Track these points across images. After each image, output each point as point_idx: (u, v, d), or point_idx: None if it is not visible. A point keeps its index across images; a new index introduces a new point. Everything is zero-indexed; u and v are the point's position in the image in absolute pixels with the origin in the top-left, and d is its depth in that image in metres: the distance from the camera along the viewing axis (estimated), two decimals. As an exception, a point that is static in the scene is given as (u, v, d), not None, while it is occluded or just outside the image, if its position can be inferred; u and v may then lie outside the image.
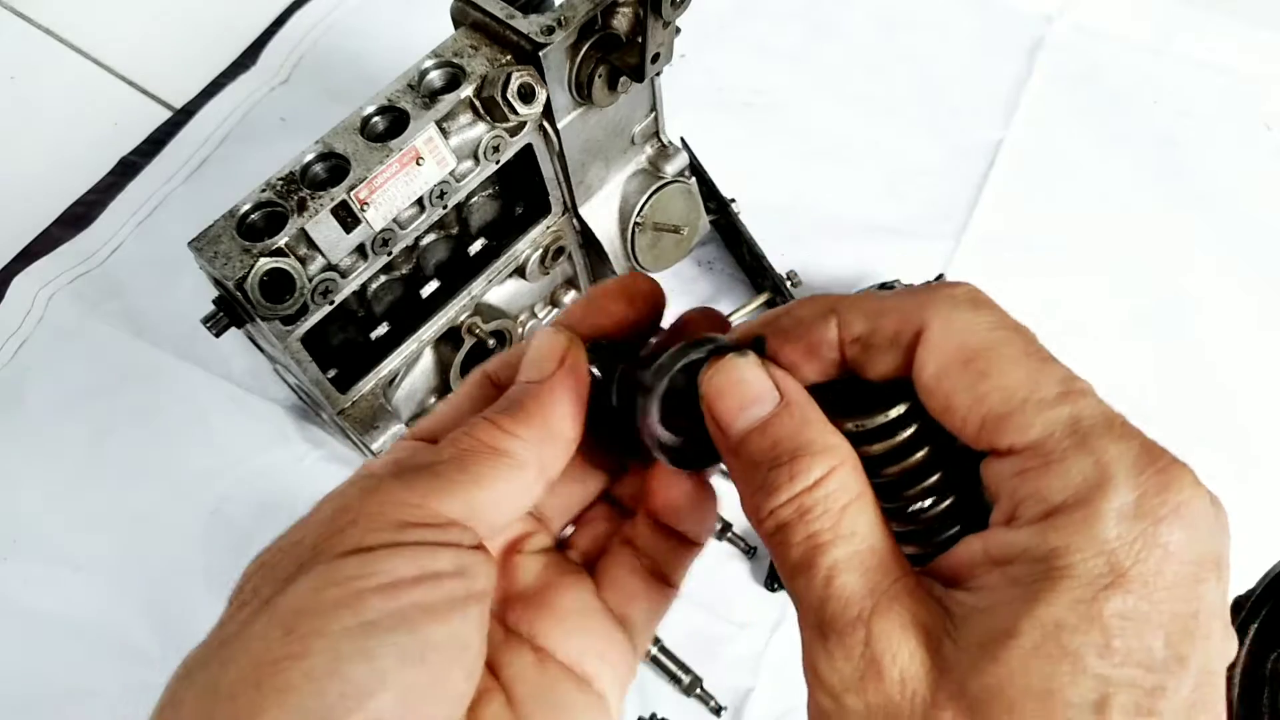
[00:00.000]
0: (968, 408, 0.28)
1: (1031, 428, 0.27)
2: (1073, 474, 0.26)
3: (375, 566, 0.28)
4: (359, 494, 0.30)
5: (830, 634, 0.27)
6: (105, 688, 0.78)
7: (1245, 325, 0.93)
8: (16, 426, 0.91)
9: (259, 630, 0.27)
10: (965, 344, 0.28)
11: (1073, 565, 0.25)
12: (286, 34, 1.18)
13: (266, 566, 0.30)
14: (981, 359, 0.28)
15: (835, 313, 0.31)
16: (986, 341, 0.28)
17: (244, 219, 0.63)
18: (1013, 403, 0.27)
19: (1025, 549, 0.26)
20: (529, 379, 0.35)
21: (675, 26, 0.67)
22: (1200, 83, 1.10)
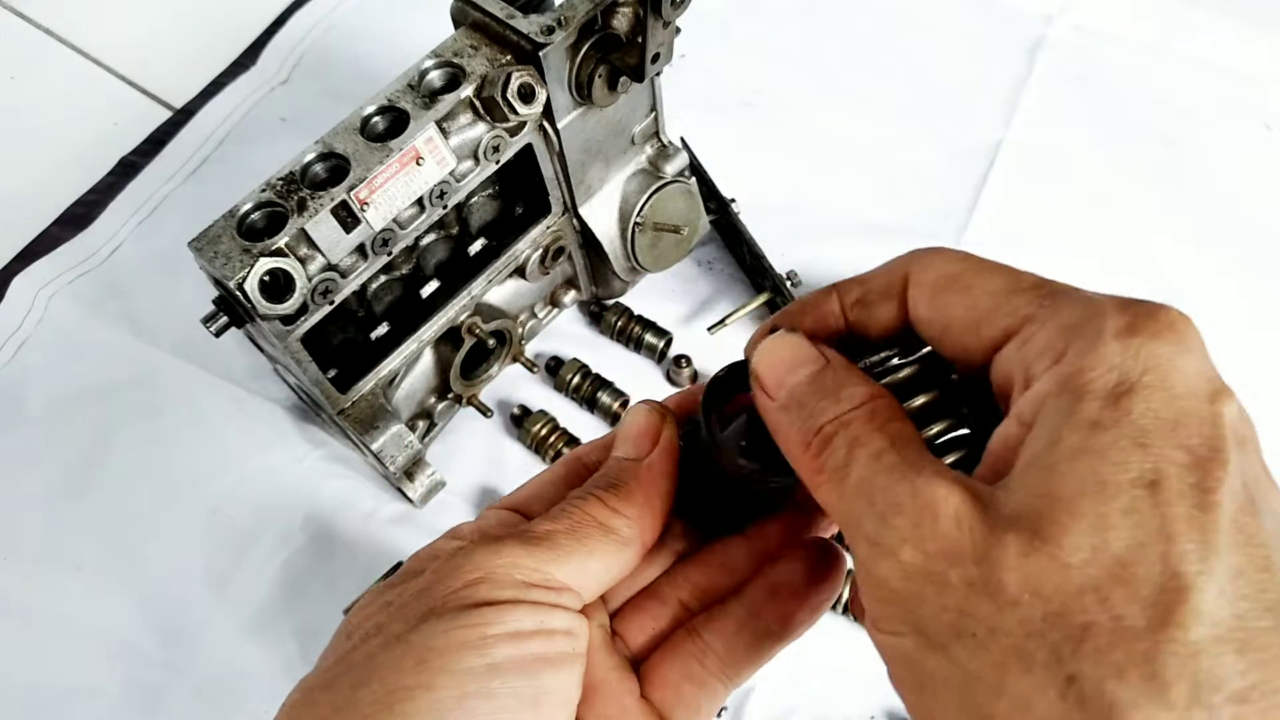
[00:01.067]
0: (961, 317, 0.30)
1: (1022, 307, 0.29)
2: (1067, 317, 0.28)
3: (501, 617, 0.31)
4: (484, 554, 0.33)
5: (879, 498, 0.28)
6: (105, 687, 0.78)
7: (1245, 325, 0.93)
8: (17, 426, 0.91)
9: (393, 660, 0.30)
10: (945, 271, 0.31)
11: (1093, 379, 0.26)
12: (287, 34, 1.18)
13: (393, 607, 0.33)
14: (962, 277, 0.31)
15: (835, 288, 0.35)
16: (963, 266, 0.31)
17: (244, 219, 0.63)
18: (999, 296, 0.30)
19: (1047, 391, 0.27)
20: (626, 455, 0.38)
21: (675, 27, 0.67)
22: (1200, 83, 1.09)
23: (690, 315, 0.94)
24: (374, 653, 0.31)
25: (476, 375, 0.86)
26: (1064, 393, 0.26)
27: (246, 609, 0.81)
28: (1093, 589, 0.23)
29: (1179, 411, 0.25)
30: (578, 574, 0.34)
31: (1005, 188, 1.02)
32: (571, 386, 0.88)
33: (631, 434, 0.38)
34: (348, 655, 0.32)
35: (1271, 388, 0.90)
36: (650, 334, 0.91)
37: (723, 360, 0.37)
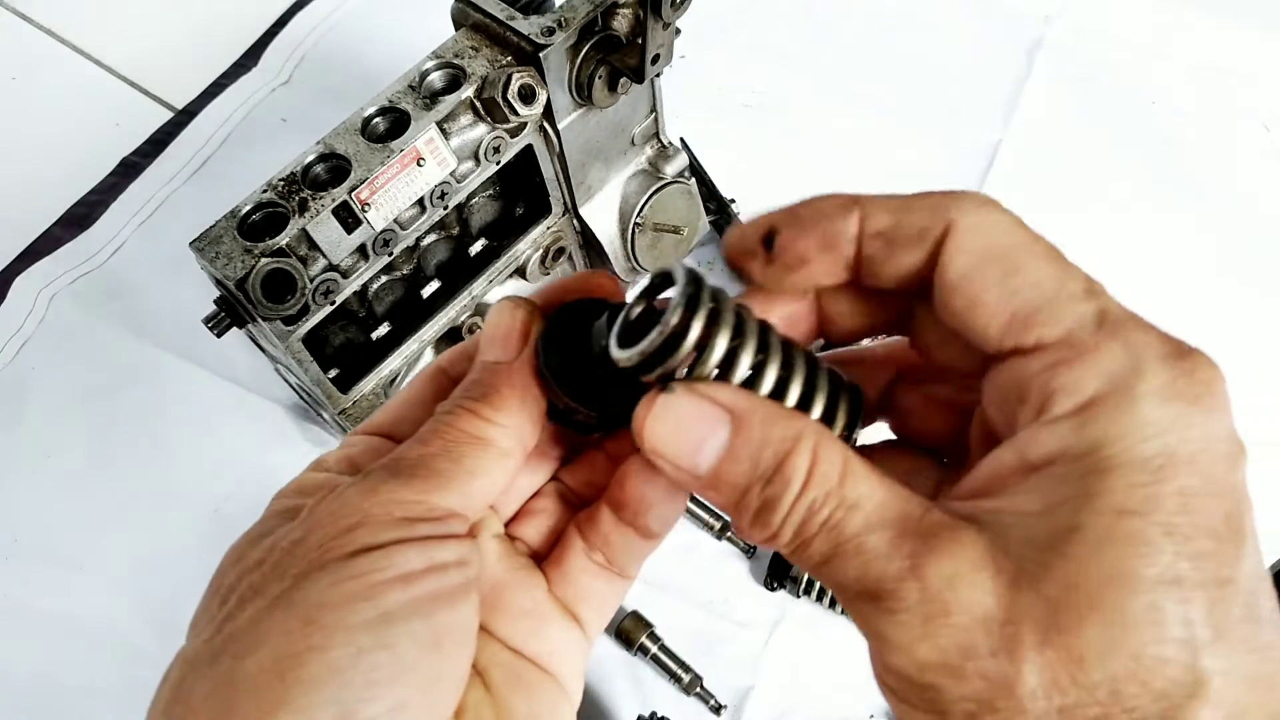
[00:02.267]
0: (996, 303, 0.27)
1: (1062, 321, 0.26)
2: (1106, 363, 0.25)
3: (387, 561, 0.29)
4: (358, 494, 0.30)
5: (883, 595, 0.26)
6: (106, 687, 0.78)
7: (1245, 325, 0.93)
8: (18, 426, 0.92)
9: (277, 624, 0.28)
10: (994, 241, 0.28)
11: (1121, 453, 0.24)
12: (288, 35, 1.18)
13: (268, 564, 0.30)
14: (1011, 256, 0.27)
15: (858, 205, 0.30)
16: (1015, 240, 0.28)
17: (245, 219, 0.64)
18: (1042, 297, 0.27)
19: (1066, 446, 0.25)
20: (495, 359, 0.34)
21: (675, 28, 0.67)
22: (1199, 83, 1.10)
23: (690, 315, 0.94)
24: (257, 618, 0.28)
25: (477, 375, 0.86)
26: (1091, 459, 0.25)
27: (248, 608, 0.81)
28: (1109, 684, 0.23)
29: (1207, 488, 0.24)
30: (460, 497, 0.32)
31: (1004, 187, 1.02)
32: (572, 386, 0.88)
33: (498, 335, 0.34)
34: (227, 622, 0.29)
35: (1272, 387, 0.90)
36: (650, 334, 0.91)
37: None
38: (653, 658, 0.77)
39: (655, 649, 0.77)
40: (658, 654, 0.77)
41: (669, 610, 0.79)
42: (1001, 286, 0.27)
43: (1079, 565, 0.24)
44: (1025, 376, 0.27)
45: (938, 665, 0.25)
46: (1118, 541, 0.24)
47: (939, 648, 0.25)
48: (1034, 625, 0.24)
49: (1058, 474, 0.25)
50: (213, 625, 0.29)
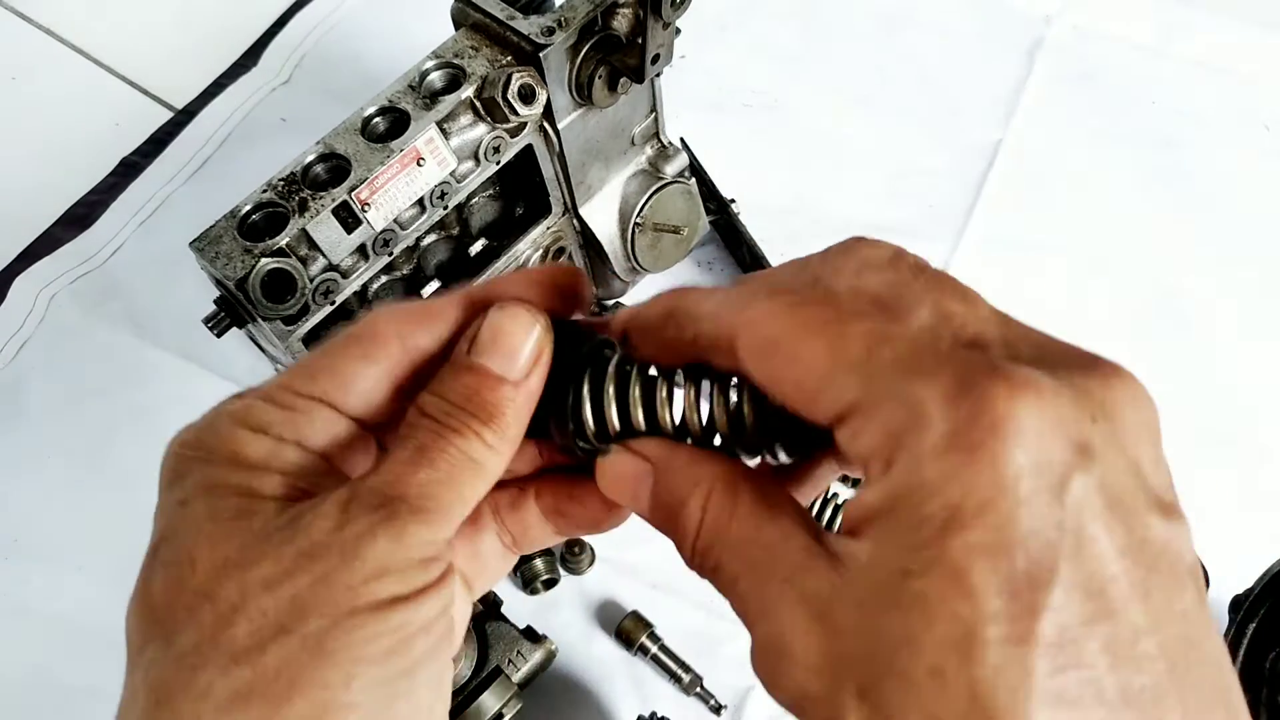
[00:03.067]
0: (795, 395, 0.28)
1: (846, 391, 0.26)
2: (887, 422, 0.25)
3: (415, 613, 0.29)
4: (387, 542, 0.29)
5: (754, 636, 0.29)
6: (106, 687, 0.78)
7: (1245, 325, 0.93)
8: (18, 426, 0.92)
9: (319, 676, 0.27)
10: (767, 336, 0.28)
11: (909, 515, 0.24)
12: (288, 35, 1.18)
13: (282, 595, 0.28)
14: (784, 345, 0.28)
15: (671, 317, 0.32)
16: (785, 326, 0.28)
17: (245, 219, 0.64)
18: (823, 375, 0.27)
19: (877, 506, 0.25)
20: (501, 373, 0.32)
21: (675, 28, 0.67)
22: (1199, 83, 1.10)
23: (690, 315, 0.95)
24: (290, 662, 0.27)
25: (477, 375, 0.86)
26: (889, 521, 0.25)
27: (248, 608, 0.81)
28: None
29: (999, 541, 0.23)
30: (454, 526, 0.31)
31: (1004, 188, 1.03)
32: (572, 386, 0.88)
33: (511, 349, 0.32)
34: (247, 656, 0.27)
35: (1273, 388, 0.90)
36: (650, 334, 0.91)
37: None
38: (653, 658, 0.77)
39: (655, 649, 0.77)
40: (658, 654, 0.77)
41: (669, 610, 0.79)
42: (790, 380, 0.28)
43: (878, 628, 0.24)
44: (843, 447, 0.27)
45: (789, 703, 0.28)
46: (903, 605, 0.24)
47: (787, 691, 0.27)
48: (851, 681, 0.25)
49: (875, 531, 0.26)
50: (222, 653, 0.27)
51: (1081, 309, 0.93)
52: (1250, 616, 0.69)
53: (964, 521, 0.23)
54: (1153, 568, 0.24)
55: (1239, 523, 0.80)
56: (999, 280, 0.96)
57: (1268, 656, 0.68)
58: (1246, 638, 0.68)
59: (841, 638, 0.25)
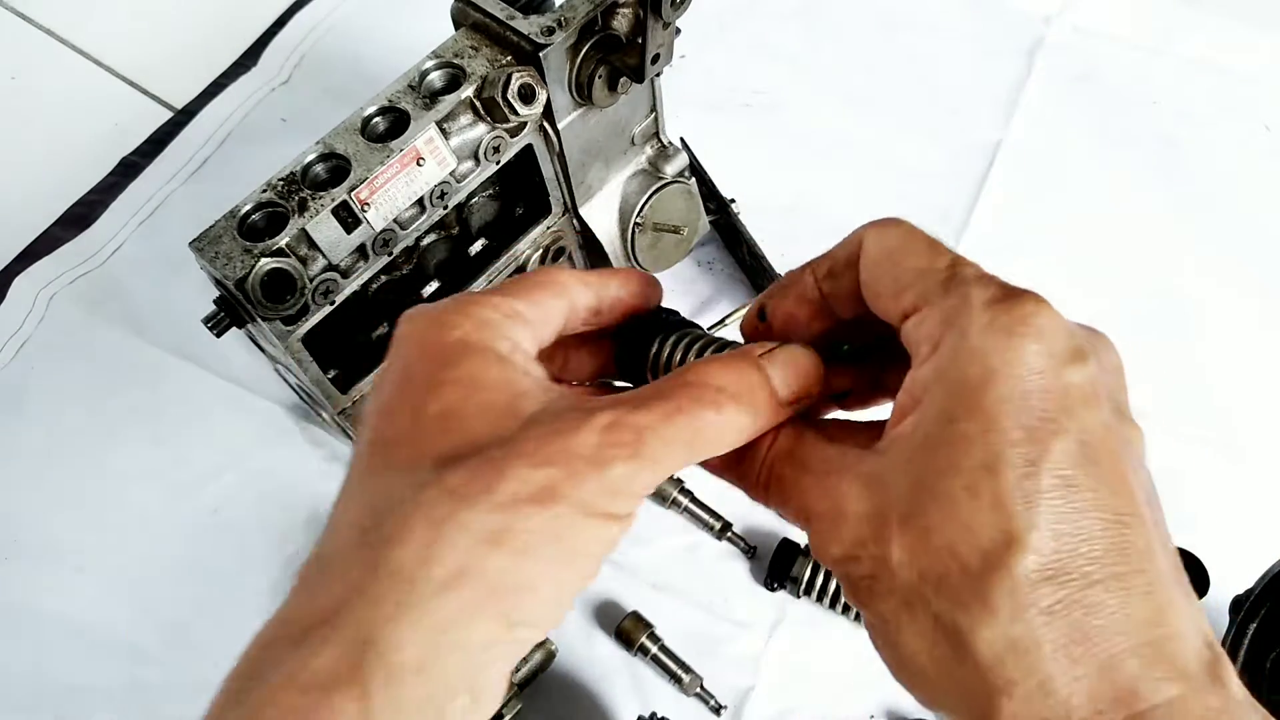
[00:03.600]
0: (888, 288, 0.35)
1: (923, 290, 0.34)
2: (944, 309, 0.33)
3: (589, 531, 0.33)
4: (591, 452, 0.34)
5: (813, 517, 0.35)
6: (107, 687, 0.78)
7: (1244, 325, 0.93)
8: (18, 426, 0.92)
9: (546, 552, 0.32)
10: (885, 245, 0.36)
11: (954, 375, 0.32)
12: (287, 35, 1.18)
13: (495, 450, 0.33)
14: (896, 252, 0.36)
15: (809, 265, 0.40)
16: (901, 241, 0.36)
17: (245, 219, 0.64)
18: (913, 276, 0.35)
19: (926, 379, 0.33)
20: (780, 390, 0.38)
21: (675, 27, 0.67)
22: (1199, 83, 1.10)
23: (690, 315, 0.93)
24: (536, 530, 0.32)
25: (477, 375, 0.86)
26: (937, 385, 0.32)
27: (248, 608, 0.81)
28: (947, 548, 0.30)
29: (1024, 393, 0.31)
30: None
31: (1004, 188, 1.03)
32: (572, 386, 0.88)
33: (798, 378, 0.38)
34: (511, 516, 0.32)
35: (1271, 388, 0.90)
36: (650, 334, 0.91)
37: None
38: (653, 658, 0.77)
39: (655, 649, 0.77)
40: (658, 654, 0.77)
41: (669, 610, 0.79)
42: (889, 274, 0.36)
43: (922, 466, 0.32)
44: (906, 336, 0.35)
45: (844, 557, 0.34)
46: (947, 442, 0.31)
47: (842, 544, 0.34)
48: (897, 516, 0.32)
49: (922, 403, 0.33)
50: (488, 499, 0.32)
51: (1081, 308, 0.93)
52: (1251, 617, 0.69)
53: (996, 380, 0.31)
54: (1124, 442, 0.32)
55: (1240, 523, 0.80)
56: (999, 280, 0.97)
57: (1268, 657, 0.68)
58: (1247, 638, 0.68)
59: (887, 489, 0.32)
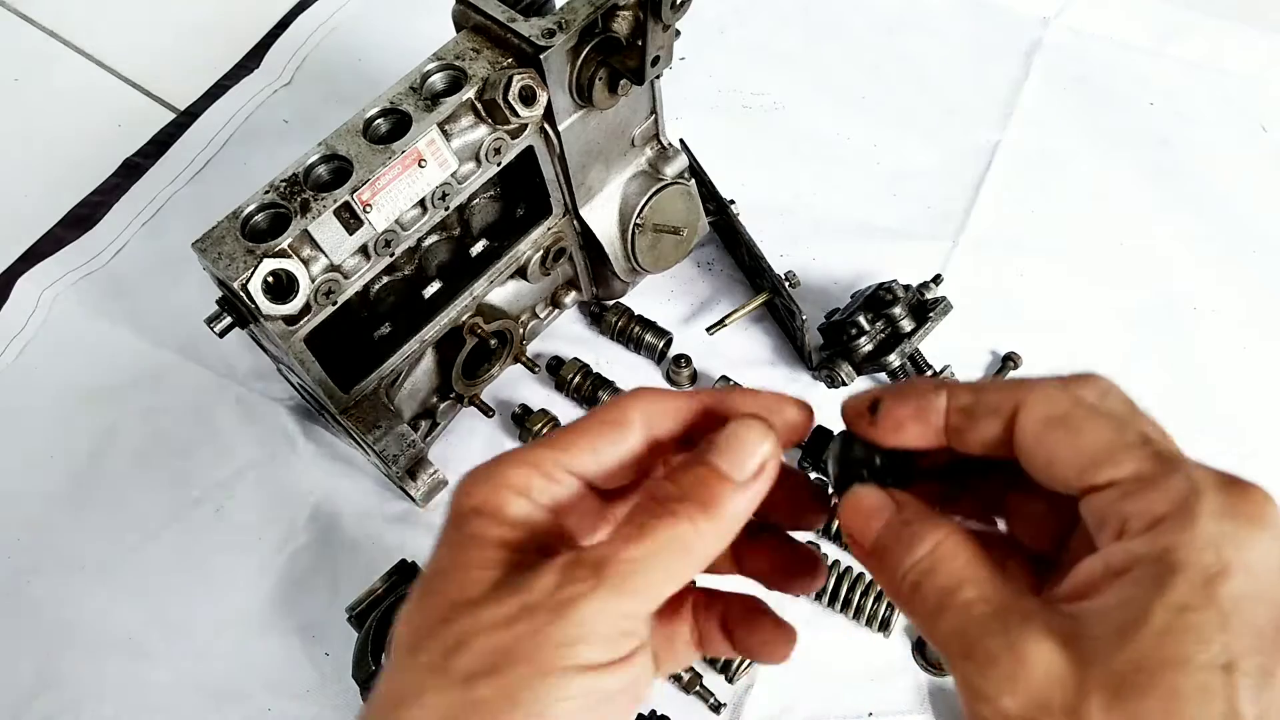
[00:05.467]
0: (1068, 457, 0.33)
1: (1128, 462, 0.32)
2: (1170, 489, 0.31)
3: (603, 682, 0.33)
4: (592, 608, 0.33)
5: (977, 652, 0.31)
6: (108, 686, 0.79)
7: (1242, 325, 0.94)
8: (20, 426, 0.92)
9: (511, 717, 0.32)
10: (1057, 409, 0.34)
11: (1185, 559, 0.29)
12: (290, 37, 1.18)
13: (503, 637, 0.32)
14: (1073, 419, 0.34)
15: (945, 387, 0.38)
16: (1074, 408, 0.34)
17: (247, 220, 0.64)
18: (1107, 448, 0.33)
19: (1140, 554, 0.30)
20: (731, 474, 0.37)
21: (675, 29, 0.67)
22: (1197, 84, 1.10)
23: (690, 316, 0.95)
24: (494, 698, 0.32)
25: (478, 375, 0.87)
26: (1159, 564, 0.30)
27: (250, 607, 0.81)
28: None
29: (1258, 594, 0.29)
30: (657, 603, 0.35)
31: (1002, 189, 1.03)
32: (572, 386, 0.89)
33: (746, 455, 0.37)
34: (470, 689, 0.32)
35: (1270, 388, 0.90)
36: (650, 334, 0.91)
37: (722, 360, 0.38)
38: (652, 656, 0.77)
39: (655, 647, 0.77)
40: (657, 652, 0.77)
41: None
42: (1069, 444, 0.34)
43: (1144, 648, 0.29)
44: (1103, 507, 0.33)
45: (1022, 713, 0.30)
46: (1177, 631, 0.29)
47: (1020, 702, 0.30)
48: (1101, 693, 0.29)
49: (1132, 577, 0.30)
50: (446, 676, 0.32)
51: (1078, 309, 0.94)
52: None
53: (1232, 573, 0.29)
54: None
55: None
56: (996, 280, 0.98)
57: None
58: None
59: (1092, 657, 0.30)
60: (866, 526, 0.37)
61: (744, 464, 0.37)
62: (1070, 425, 0.34)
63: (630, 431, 0.39)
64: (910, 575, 0.35)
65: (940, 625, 0.33)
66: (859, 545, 0.38)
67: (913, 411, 0.37)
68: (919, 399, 0.37)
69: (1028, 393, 0.35)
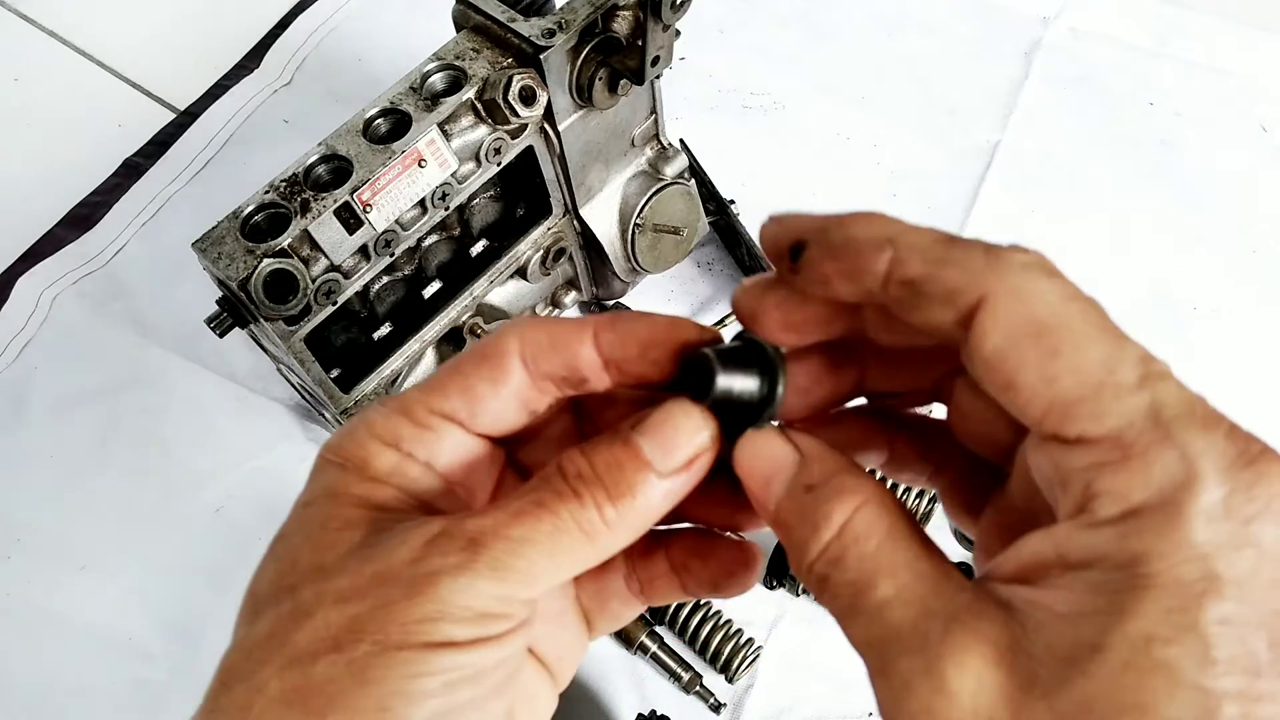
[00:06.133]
0: (1034, 388, 0.25)
1: (1108, 416, 0.24)
2: (1155, 471, 0.24)
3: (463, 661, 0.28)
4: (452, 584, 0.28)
5: (892, 671, 0.25)
6: (109, 686, 0.79)
7: (1242, 325, 0.94)
8: (21, 426, 0.92)
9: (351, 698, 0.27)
10: (1035, 315, 0.25)
11: (1161, 573, 0.23)
12: (290, 36, 1.18)
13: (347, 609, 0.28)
14: (1053, 334, 0.25)
15: (891, 244, 0.28)
16: (1059, 314, 0.25)
17: (247, 220, 0.64)
18: (1087, 386, 0.25)
19: (1104, 553, 0.24)
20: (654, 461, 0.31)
21: (675, 30, 0.67)
22: (1196, 85, 1.10)
23: (689, 316, 0.95)
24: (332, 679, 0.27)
25: (478, 375, 0.87)
26: (1126, 574, 0.23)
27: (250, 607, 0.81)
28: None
29: (1253, 617, 0.22)
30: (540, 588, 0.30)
31: (1002, 189, 1.03)
32: (572, 386, 0.88)
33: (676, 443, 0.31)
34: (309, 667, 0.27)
35: (1272, 387, 0.90)
36: (650, 334, 0.91)
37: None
38: (652, 656, 0.77)
39: (655, 648, 0.77)
40: (657, 653, 0.77)
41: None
42: (1040, 371, 0.25)
43: (1097, 687, 0.23)
44: (1065, 468, 0.25)
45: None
46: (1142, 670, 0.22)
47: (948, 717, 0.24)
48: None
49: (1091, 580, 0.24)
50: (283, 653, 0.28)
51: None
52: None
53: (1221, 592, 0.22)
54: None
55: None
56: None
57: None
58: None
59: (1029, 686, 0.23)
60: (766, 491, 0.30)
61: (673, 452, 0.31)
62: (1048, 341, 0.25)
63: (508, 367, 0.32)
64: (817, 566, 0.28)
65: (852, 631, 0.27)
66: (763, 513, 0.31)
67: (842, 270, 0.29)
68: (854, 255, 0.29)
69: (999, 279, 0.26)
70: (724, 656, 0.76)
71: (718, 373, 0.31)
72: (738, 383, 0.32)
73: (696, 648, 0.77)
